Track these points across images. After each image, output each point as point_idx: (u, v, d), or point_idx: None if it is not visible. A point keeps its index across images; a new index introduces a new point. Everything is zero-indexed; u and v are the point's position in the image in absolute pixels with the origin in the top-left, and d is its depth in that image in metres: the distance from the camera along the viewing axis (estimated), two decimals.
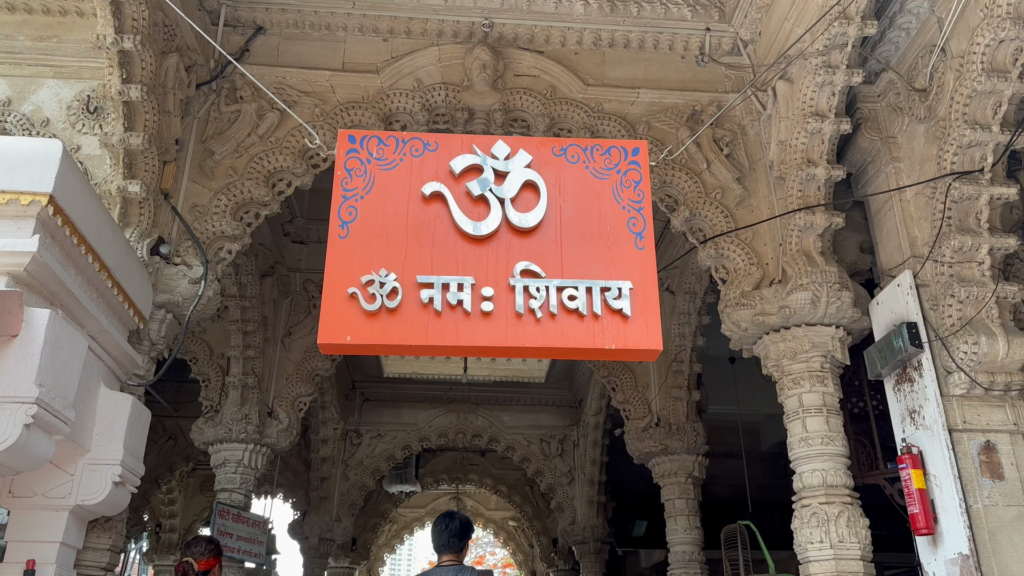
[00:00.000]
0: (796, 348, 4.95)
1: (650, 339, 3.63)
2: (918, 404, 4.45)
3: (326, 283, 3.63)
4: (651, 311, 3.69)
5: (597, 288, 3.72)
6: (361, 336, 3.51)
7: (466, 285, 3.68)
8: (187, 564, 4.34)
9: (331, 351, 3.68)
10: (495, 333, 3.56)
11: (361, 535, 15.10)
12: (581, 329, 3.62)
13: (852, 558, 4.43)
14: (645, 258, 3.81)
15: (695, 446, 7.72)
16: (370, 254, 3.68)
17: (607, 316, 3.65)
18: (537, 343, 3.58)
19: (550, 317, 3.63)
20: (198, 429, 7.57)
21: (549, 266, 3.77)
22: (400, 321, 3.56)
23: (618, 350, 3.60)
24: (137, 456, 4.23)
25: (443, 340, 3.54)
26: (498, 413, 13.12)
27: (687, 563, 7.37)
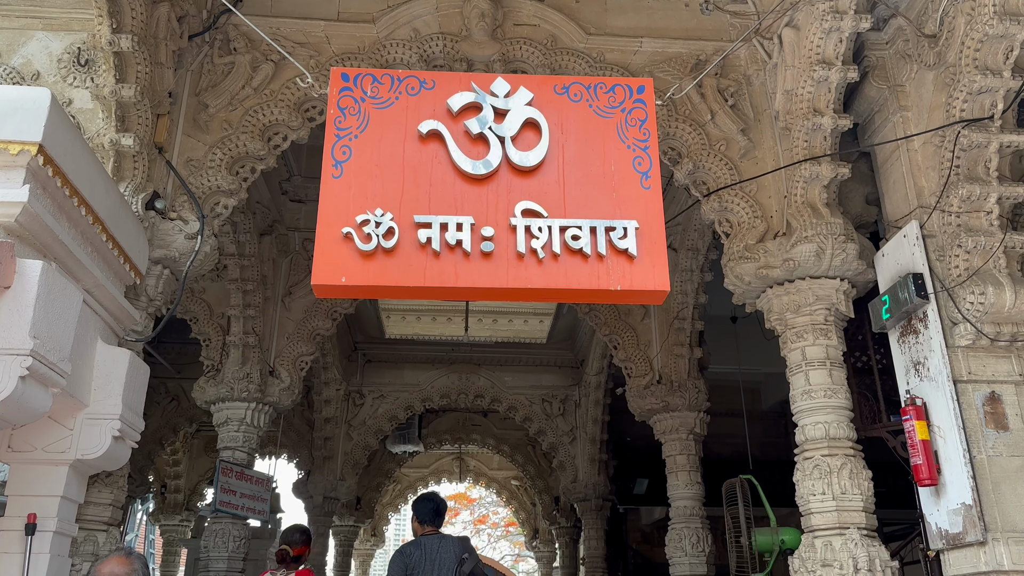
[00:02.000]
0: (800, 301, 4.90)
1: (657, 279, 3.55)
2: (923, 356, 4.40)
3: (320, 223, 3.55)
4: (658, 251, 3.60)
5: (602, 228, 3.63)
6: (357, 277, 3.43)
7: (465, 225, 3.59)
8: (284, 551, 5.26)
9: (326, 294, 3.61)
10: (496, 274, 3.48)
11: (365, 494, 15.25)
12: (585, 270, 3.54)
13: (855, 509, 4.43)
14: (651, 197, 3.71)
15: (696, 403, 7.71)
16: (365, 194, 3.59)
17: (612, 256, 3.57)
18: (539, 284, 3.50)
19: (553, 258, 3.55)
20: (200, 388, 7.57)
21: (551, 205, 3.68)
22: (397, 262, 3.48)
23: (624, 291, 3.52)
24: (136, 411, 4.21)
25: (442, 282, 3.46)
26: (500, 374, 13.14)
27: (688, 518, 7.40)
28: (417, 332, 12.94)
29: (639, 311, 8.23)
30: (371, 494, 15.60)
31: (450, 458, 19.19)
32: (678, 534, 7.36)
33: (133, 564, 3.08)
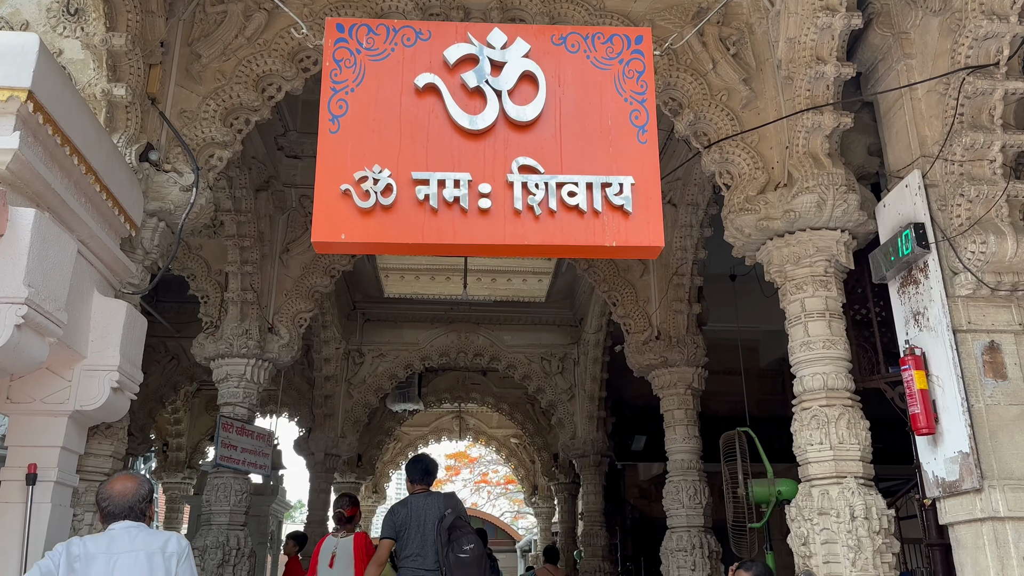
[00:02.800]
0: (800, 253, 4.87)
1: (651, 235, 3.54)
2: (923, 306, 4.39)
3: (318, 180, 3.52)
4: (653, 207, 3.58)
5: (598, 184, 3.61)
6: (356, 234, 3.42)
7: (463, 181, 3.57)
8: (339, 514, 6.07)
9: (326, 250, 3.60)
10: (493, 231, 3.47)
11: (366, 452, 15.39)
12: (581, 226, 3.53)
13: (852, 458, 4.45)
14: (648, 152, 3.68)
15: (695, 358, 7.73)
16: (362, 150, 3.56)
17: (608, 213, 3.55)
18: (536, 240, 3.49)
19: (549, 214, 3.53)
20: (199, 344, 7.57)
21: (548, 161, 3.65)
22: (395, 219, 3.46)
23: (619, 247, 3.52)
24: (134, 363, 4.21)
25: (440, 238, 3.45)
26: (499, 332, 13.17)
27: (685, 471, 7.46)
28: (416, 291, 12.93)
29: (638, 267, 8.21)
30: (372, 451, 15.74)
31: (450, 416, 19.35)
32: (675, 487, 7.43)
33: (139, 479, 3.26)
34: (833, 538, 4.31)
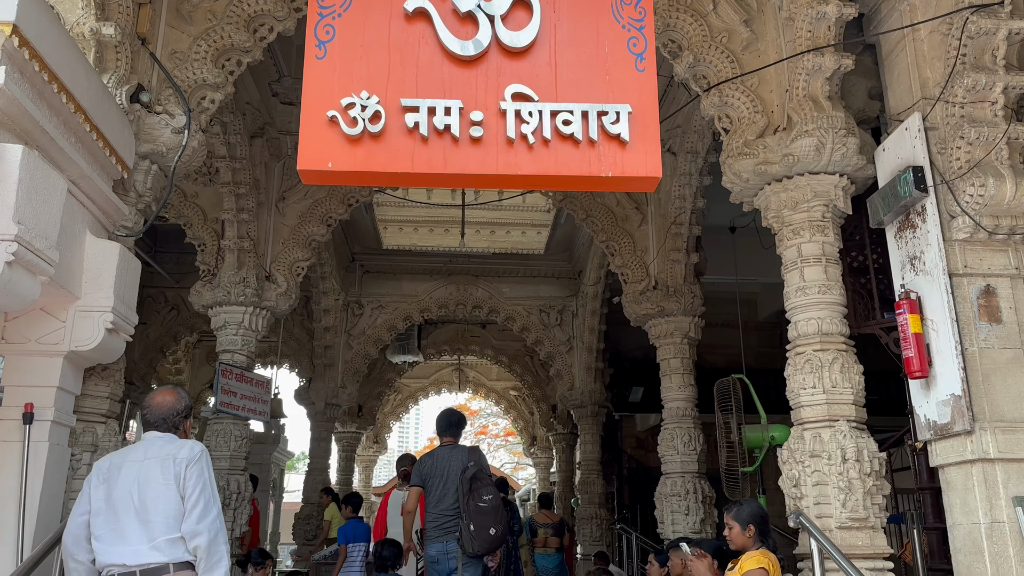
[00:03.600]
0: (798, 198, 4.83)
1: (649, 166, 3.48)
2: (919, 250, 4.37)
3: (304, 106, 3.45)
4: (650, 137, 3.52)
5: (594, 112, 3.53)
6: (343, 162, 3.36)
7: (454, 109, 3.48)
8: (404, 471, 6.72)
9: (313, 180, 3.55)
10: (485, 160, 3.41)
11: (367, 402, 15.53)
12: (576, 156, 3.46)
13: (844, 402, 4.48)
14: (646, 80, 3.60)
15: (692, 308, 7.74)
16: (350, 76, 3.48)
17: (604, 142, 3.48)
18: (529, 171, 3.43)
19: (543, 143, 3.47)
20: (197, 292, 7.57)
21: (542, 89, 3.56)
22: (384, 147, 3.40)
23: (615, 178, 3.46)
24: (129, 305, 4.21)
25: (430, 168, 3.39)
26: (498, 285, 13.18)
27: (680, 418, 7.52)
28: (414, 243, 12.91)
29: (636, 217, 8.17)
30: (372, 402, 15.88)
31: (450, 369, 19.47)
32: (671, 434, 7.50)
33: (179, 395, 3.53)
34: (824, 480, 4.35)
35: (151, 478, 3.22)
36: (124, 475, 3.24)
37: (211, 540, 3.20)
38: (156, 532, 3.16)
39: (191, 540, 3.17)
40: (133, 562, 3.13)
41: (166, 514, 3.18)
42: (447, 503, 5.16)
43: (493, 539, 5.05)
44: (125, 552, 3.15)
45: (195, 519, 3.18)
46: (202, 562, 3.18)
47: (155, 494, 3.20)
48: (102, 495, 3.24)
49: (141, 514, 3.18)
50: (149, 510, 3.18)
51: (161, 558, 3.14)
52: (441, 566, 5.15)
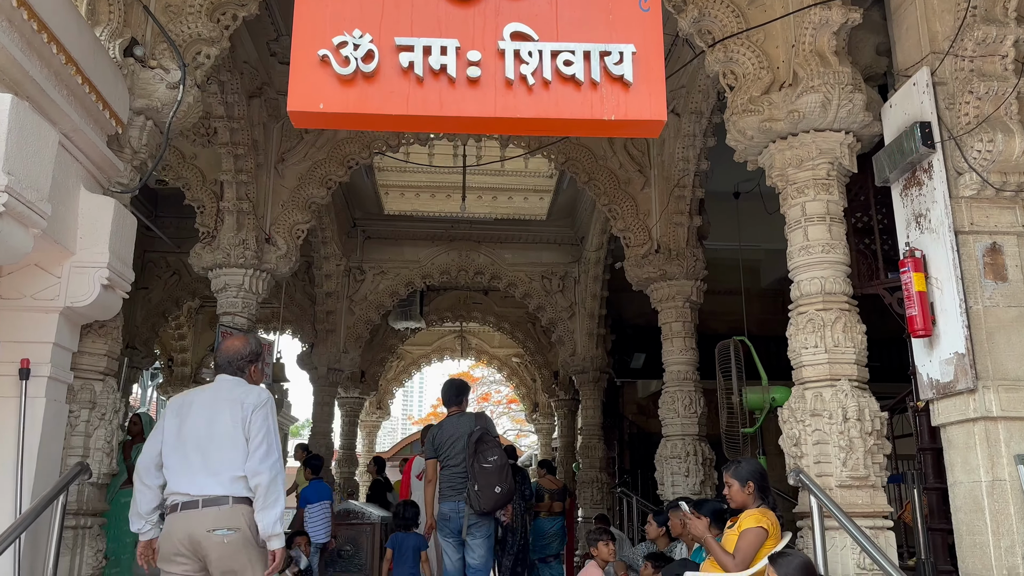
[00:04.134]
0: (803, 156, 4.76)
1: (653, 109, 3.38)
2: (925, 208, 4.31)
3: (294, 45, 3.34)
4: (655, 78, 3.40)
5: (596, 52, 3.40)
6: (335, 104, 3.27)
7: (450, 49, 3.36)
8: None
9: (304, 123, 3.47)
10: (483, 103, 3.30)
11: (369, 368, 15.56)
12: (578, 98, 3.34)
13: (846, 361, 4.44)
14: (650, 20, 3.47)
15: (694, 271, 7.68)
16: (342, 13, 3.35)
17: (607, 84, 3.37)
18: (529, 113, 3.32)
19: (543, 85, 3.36)
20: (196, 254, 7.54)
21: (543, 28, 3.43)
22: (378, 88, 3.30)
23: (618, 121, 3.35)
24: (124, 261, 4.17)
25: (426, 110, 3.29)
26: (499, 251, 13.12)
27: (681, 381, 7.50)
28: (416, 208, 12.85)
29: (639, 180, 8.09)
30: (375, 368, 15.92)
31: (452, 336, 19.48)
32: (671, 397, 7.49)
33: (247, 341, 3.83)
34: (825, 439, 4.33)
35: (219, 418, 3.50)
36: (195, 412, 3.55)
37: (271, 480, 3.44)
38: (220, 468, 3.43)
39: (252, 478, 3.43)
40: (197, 492, 3.41)
41: (231, 453, 3.45)
42: (457, 466, 5.43)
43: (499, 497, 5.31)
44: (191, 482, 3.43)
45: (258, 460, 3.44)
46: (260, 500, 3.43)
47: (222, 433, 3.48)
48: (174, 428, 3.54)
49: (208, 450, 3.46)
50: (216, 447, 3.46)
51: (222, 491, 3.41)
52: (453, 523, 5.43)
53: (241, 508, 3.42)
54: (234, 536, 3.36)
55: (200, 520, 3.36)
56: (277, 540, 3.46)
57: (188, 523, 3.37)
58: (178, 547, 3.37)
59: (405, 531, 6.13)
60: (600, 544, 5.51)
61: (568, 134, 4.50)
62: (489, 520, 5.47)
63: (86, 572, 4.12)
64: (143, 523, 3.55)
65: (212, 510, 3.38)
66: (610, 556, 5.53)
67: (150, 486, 3.54)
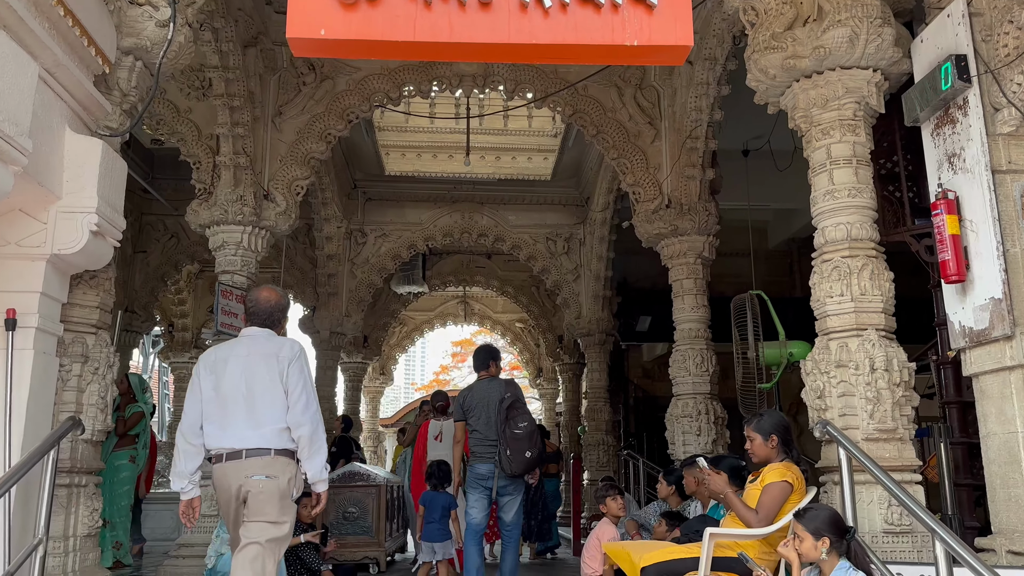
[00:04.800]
0: (828, 95, 4.51)
1: (679, 33, 3.12)
2: (959, 147, 4.07)
3: None
4: (681, 1, 3.17)
5: None
6: (337, 30, 3.02)
7: None
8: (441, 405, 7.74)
9: (304, 51, 3.22)
10: (495, 27, 3.05)
11: (372, 333, 15.40)
12: (597, 22, 3.09)
13: (874, 310, 4.24)
14: None
15: (706, 226, 7.45)
16: None
17: (629, 6, 3.11)
18: (545, 39, 3.07)
19: (561, 8, 3.10)
20: (193, 211, 7.31)
21: None
22: (382, 12, 3.04)
23: (641, 47, 3.10)
24: (114, 207, 3.96)
25: (434, 36, 3.04)
26: (503, 212, 12.88)
27: (693, 339, 7.30)
28: (417, 169, 12.58)
29: (649, 132, 7.83)
30: (378, 333, 15.76)
31: (455, 301, 19.30)
32: (683, 355, 7.29)
33: (280, 294, 3.87)
34: (851, 391, 4.15)
35: (256, 373, 3.56)
36: (231, 368, 3.59)
37: (313, 430, 3.57)
38: (262, 421, 3.52)
39: (295, 430, 3.54)
40: (240, 445, 3.51)
41: (271, 406, 3.53)
42: (491, 433, 5.60)
43: (529, 461, 5.54)
44: (233, 436, 3.52)
45: (299, 411, 3.54)
46: (304, 449, 3.56)
47: (261, 388, 3.55)
48: (211, 385, 3.60)
49: (248, 404, 3.53)
50: (256, 401, 3.53)
51: (265, 443, 3.51)
52: (488, 483, 5.64)
53: (282, 459, 3.53)
54: (271, 484, 3.48)
55: (244, 468, 3.49)
56: (323, 484, 3.68)
57: (235, 470, 3.49)
58: (228, 492, 3.53)
59: (436, 490, 6.31)
60: (608, 500, 5.36)
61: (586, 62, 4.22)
62: (520, 482, 5.69)
63: (81, 532, 3.97)
64: (185, 482, 3.60)
65: (255, 459, 3.50)
66: (620, 511, 5.38)
67: (195, 445, 3.59)
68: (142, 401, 7.83)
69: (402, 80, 7.64)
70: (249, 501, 3.47)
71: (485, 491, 5.62)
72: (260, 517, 3.44)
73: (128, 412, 7.63)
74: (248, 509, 3.47)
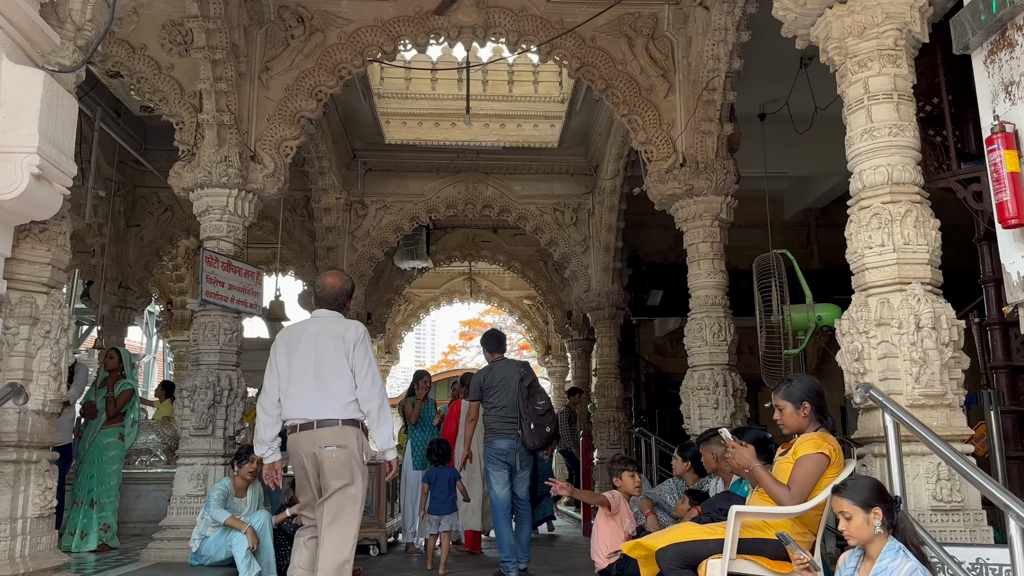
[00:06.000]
0: (866, 22, 4.02)
1: None
2: (1018, 74, 3.57)
3: None
4: None
5: None
6: None
7: None
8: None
9: None
10: None
11: (376, 310, 14.99)
12: None
13: (919, 262, 3.77)
14: None
15: (724, 186, 6.94)
16: None
17: None
18: None
19: None
20: (175, 174, 6.87)
21: None
22: None
23: None
24: (62, 149, 3.50)
25: None
26: (509, 182, 12.40)
27: (709, 307, 6.83)
28: (419, 137, 12.09)
29: (662, 86, 7.31)
30: (382, 310, 15.34)
31: (461, 278, 18.87)
32: (699, 324, 6.82)
33: (344, 278, 4.28)
34: (893, 352, 3.69)
35: (325, 351, 3.98)
36: (303, 346, 4.02)
37: (380, 404, 4.00)
38: (332, 395, 3.94)
39: (365, 404, 3.97)
40: (312, 416, 3.93)
41: (339, 382, 3.95)
42: (511, 410, 5.99)
43: (548, 435, 6.05)
44: (306, 407, 3.95)
45: (367, 387, 3.97)
46: (374, 421, 4.00)
47: (330, 365, 3.96)
48: (285, 362, 4.03)
49: (319, 379, 3.95)
50: (325, 377, 3.95)
51: (334, 415, 3.92)
52: (509, 457, 6.00)
53: (349, 429, 3.94)
54: (342, 452, 3.89)
55: (317, 438, 3.91)
56: (391, 452, 4.12)
57: (309, 440, 3.91)
58: (302, 459, 3.95)
59: (439, 466, 6.61)
60: (624, 474, 4.93)
61: None
62: (530, 458, 6.13)
63: (32, 513, 3.55)
64: (266, 448, 4.06)
65: (325, 430, 3.91)
66: (636, 489, 4.95)
67: (273, 416, 4.03)
68: (131, 377, 7.51)
69: (397, 32, 7.14)
70: (325, 469, 3.89)
71: (505, 466, 5.99)
72: (338, 481, 3.87)
73: (117, 390, 7.30)
74: (325, 476, 3.89)
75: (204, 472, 6.35)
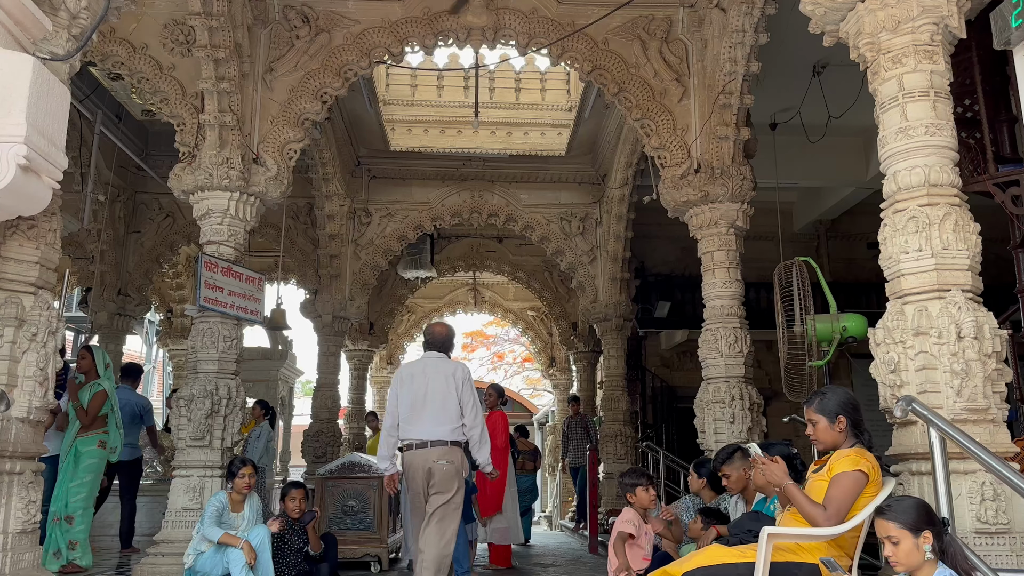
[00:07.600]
0: (900, 16, 3.82)
1: None
2: None
3: None
4: None
5: None
6: None
7: None
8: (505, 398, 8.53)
9: None
10: None
11: (378, 320, 14.80)
12: None
13: (959, 268, 3.56)
14: None
15: (740, 192, 6.73)
16: None
17: None
18: None
19: None
20: (175, 176, 6.67)
21: None
22: None
23: None
24: (52, 140, 3.30)
25: None
26: (515, 191, 12.22)
27: (725, 317, 6.59)
28: (424, 145, 11.93)
29: (676, 90, 7.12)
30: (384, 319, 15.14)
31: (465, 289, 18.66)
32: (713, 335, 6.59)
33: (448, 328, 5.48)
34: (932, 363, 3.47)
35: (434, 386, 5.06)
36: (417, 382, 5.10)
37: (481, 432, 5.13)
38: (442, 421, 5.01)
39: (470, 431, 5.08)
40: (426, 437, 4.99)
41: (446, 410, 5.02)
42: None
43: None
44: (421, 430, 5.01)
45: (472, 417, 5.08)
46: (476, 444, 5.12)
47: (440, 396, 5.04)
48: (406, 393, 5.09)
49: (432, 408, 5.02)
50: (438, 407, 5.02)
51: (444, 436, 4.99)
52: None
53: (455, 448, 5.01)
54: (450, 467, 4.95)
55: (430, 455, 4.95)
56: (489, 467, 5.30)
57: (423, 456, 4.96)
58: (417, 471, 4.96)
59: None
60: (639, 489, 4.68)
61: None
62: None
63: (14, 528, 3.33)
64: (387, 463, 5.20)
65: (437, 448, 4.96)
66: (651, 503, 4.70)
67: (394, 437, 5.13)
68: (105, 377, 6.61)
69: (404, 34, 6.97)
70: (435, 480, 4.90)
71: None
72: (444, 491, 4.90)
73: (87, 396, 6.44)
74: (434, 485, 4.90)
75: (200, 484, 6.10)
